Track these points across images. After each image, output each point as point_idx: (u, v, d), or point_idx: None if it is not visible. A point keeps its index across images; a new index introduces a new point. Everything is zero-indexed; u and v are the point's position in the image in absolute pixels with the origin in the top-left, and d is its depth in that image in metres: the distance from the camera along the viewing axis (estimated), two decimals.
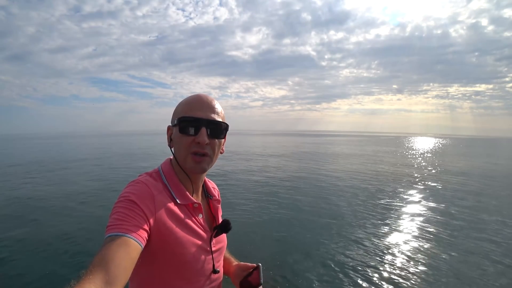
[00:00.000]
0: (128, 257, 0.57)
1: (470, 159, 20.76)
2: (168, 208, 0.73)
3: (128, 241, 0.59)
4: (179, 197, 0.78)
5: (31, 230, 5.10)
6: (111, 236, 0.59)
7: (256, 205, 6.57)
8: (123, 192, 0.70)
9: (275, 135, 79.45)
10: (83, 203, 6.91)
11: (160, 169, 0.82)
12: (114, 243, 0.57)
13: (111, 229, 0.61)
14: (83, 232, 4.96)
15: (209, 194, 0.93)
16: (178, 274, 0.74)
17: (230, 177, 10.32)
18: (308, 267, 3.82)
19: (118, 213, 0.64)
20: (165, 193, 0.76)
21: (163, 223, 0.70)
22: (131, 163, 14.87)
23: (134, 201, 0.67)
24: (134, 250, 0.59)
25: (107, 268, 0.51)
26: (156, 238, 0.68)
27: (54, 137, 63.25)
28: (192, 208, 0.80)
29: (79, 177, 10.51)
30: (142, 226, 0.64)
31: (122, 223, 0.62)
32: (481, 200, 7.68)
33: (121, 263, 0.54)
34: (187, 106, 0.78)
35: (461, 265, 3.90)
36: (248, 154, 19.49)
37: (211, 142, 0.77)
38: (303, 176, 10.94)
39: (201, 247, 0.78)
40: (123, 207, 0.65)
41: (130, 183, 0.74)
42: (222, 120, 0.80)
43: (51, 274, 3.58)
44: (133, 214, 0.64)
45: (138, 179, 0.76)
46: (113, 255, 0.54)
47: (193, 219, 0.79)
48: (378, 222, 5.61)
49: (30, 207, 6.59)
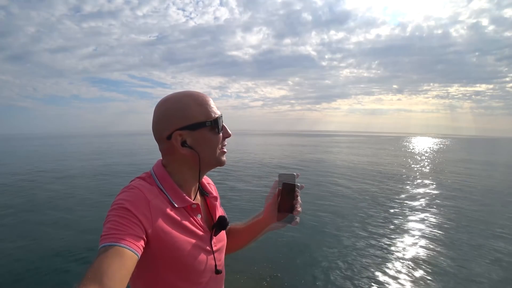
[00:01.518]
0: (123, 267, 0.55)
1: (470, 159, 20.75)
2: (165, 212, 0.71)
3: (122, 251, 0.57)
4: (176, 200, 0.75)
5: (26, 236, 5.08)
6: (105, 246, 0.58)
7: (258, 205, 6.58)
8: (117, 199, 0.68)
9: (275, 135, 79.40)
10: (86, 206, 6.89)
11: (152, 173, 0.79)
12: (108, 254, 0.56)
13: (105, 239, 0.59)
14: (79, 239, 4.90)
15: (205, 192, 0.90)
16: (181, 277, 0.73)
17: (229, 176, 10.31)
18: (312, 267, 3.80)
19: (112, 221, 0.62)
20: (161, 197, 0.74)
21: (161, 229, 0.69)
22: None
23: (128, 209, 0.65)
24: (129, 260, 0.58)
25: (101, 280, 0.50)
26: (155, 244, 0.67)
27: (54, 137, 63.25)
28: (190, 209, 0.79)
29: (77, 181, 10.50)
30: (137, 234, 0.62)
31: (116, 232, 0.60)
32: (485, 201, 7.66)
33: (115, 274, 0.53)
34: (202, 106, 0.77)
35: (465, 266, 3.89)
36: (248, 154, 19.47)
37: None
38: (305, 176, 10.92)
39: (202, 248, 0.77)
40: (117, 215, 0.63)
41: (123, 189, 0.72)
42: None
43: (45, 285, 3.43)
44: (128, 222, 0.63)
45: (132, 184, 0.73)
46: (107, 266, 0.53)
47: (191, 221, 0.78)
48: (382, 221, 5.60)
49: (25, 213, 6.56)
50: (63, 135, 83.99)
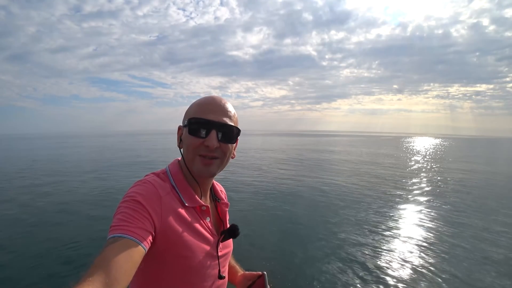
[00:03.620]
0: (130, 260, 0.55)
1: (470, 158, 20.75)
2: (175, 210, 0.71)
3: (131, 243, 0.57)
4: (186, 199, 0.75)
5: (32, 230, 5.11)
6: (114, 237, 0.58)
7: (257, 207, 6.60)
8: (129, 192, 0.68)
9: (274, 136, 79.19)
10: (88, 202, 6.93)
11: (167, 170, 0.79)
12: (117, 245, 0.56)
13: (115, 230, 0.59)
14: (85, 231, 4.96)
15: (217, 197, 0.90)
16: (183, 278, 0.72)
17: (231, 179, 10.34)
18: (312, 269, 3.82)
19: (123, 213, 0.62)
20: (173, 194, 0.73)
21: (170, 226, 0.68)
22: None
23: (140, 202, 0.65)
24: (137, 253, 0.58)
25: (107, 271, 0.50)
26: (161, 241, 0.66)
27: (54, 138, 63.14)
28: (200, 211, 0.78)
29: (82, 177, 10.55)
30: (146, 228, 0.62)
31: (126, 224, 0.60)
32: (484, 202, 7.71)
33: (122, 266, 0.53)
34: (199, 107, 0.76)
35: (461, 268, 3.93)
36: (248, 155, 19.48)
37: (222, 146, 0.74)
38: (305, 177, 10.98)
39: (207, 251, 0.76)
40: (128, 207, 0.63)
41: (136, 182, 0.72)
42: (234, 124, 0.77)
43: (51, 275, 3.55)
44: (138, 215, 0.62)
45: (145, 179, 0.74)
46: (115, 257, 0.53)
47: (200, 222, 0.77)
48: (382, 222, 5.63)
49: (31, 208, 6.60)
50: (68, 135, 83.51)
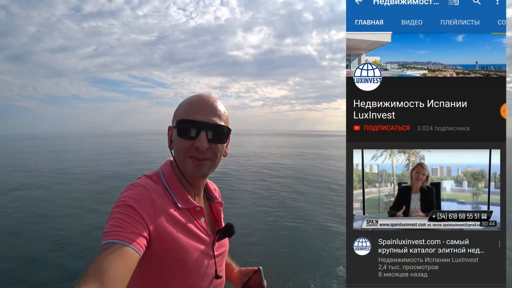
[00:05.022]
0: (124, 266, 0.55)
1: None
2: (169, 212, 0.71)
3: (125, 249, 0.57)
4: (180, 201, 0.75)
5: (26, 234, 5.02)
6: (107, 243, 0.57)
7: (255, 206, 6.59)
8: (121, 196, 0.68)
9: (274, 136, 79.48)
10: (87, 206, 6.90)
11: (160, 172, 0.79)
12: (110, 251, 0.55)
13: (108, 236, 0.59)
14: (80, 237, 4.86)
15: (211, 197, 0.90)
16: (180, 279, 0.72)
17: (228, 178, 10.29)
18: (309, 270, 3.79)
19: (116, 218, 0.62)
20: (166, 197, 0.73)
21: (164, 229, 0.68)
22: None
23: (132, 206, 0.64)
24: (131, 258, 0.57)
25: (101, 279, 0.50)
26: (157, 244, 0.66)
27: (53, 138, 63.28)
28: (194, 211, 0.78)
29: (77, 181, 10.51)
30: (140, 233, 0.62)
31: (119, 230, 0.59)
32: None
33: (116, 273, 0.52)
34: (188, 107, 0.75)
35: None
36: (247, 155, 19.49)
37: (212, 147, 0.73)
38: (304, 177, 10.96)
39: (203, 251, 0.76)
40: (121, 212, 0.63)
41: (128, 186, 0.71)
42: (224, 124, 0.76)
43: (45, 282, 3.44)
44: (131, 220, 0.62)
45: (137, 182, 0.73)
46: (109, 264, 0.52)
47: (195, 223, 0.77)
48: None
49: (26, 211, 6.50)
50: (69, 135, 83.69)
